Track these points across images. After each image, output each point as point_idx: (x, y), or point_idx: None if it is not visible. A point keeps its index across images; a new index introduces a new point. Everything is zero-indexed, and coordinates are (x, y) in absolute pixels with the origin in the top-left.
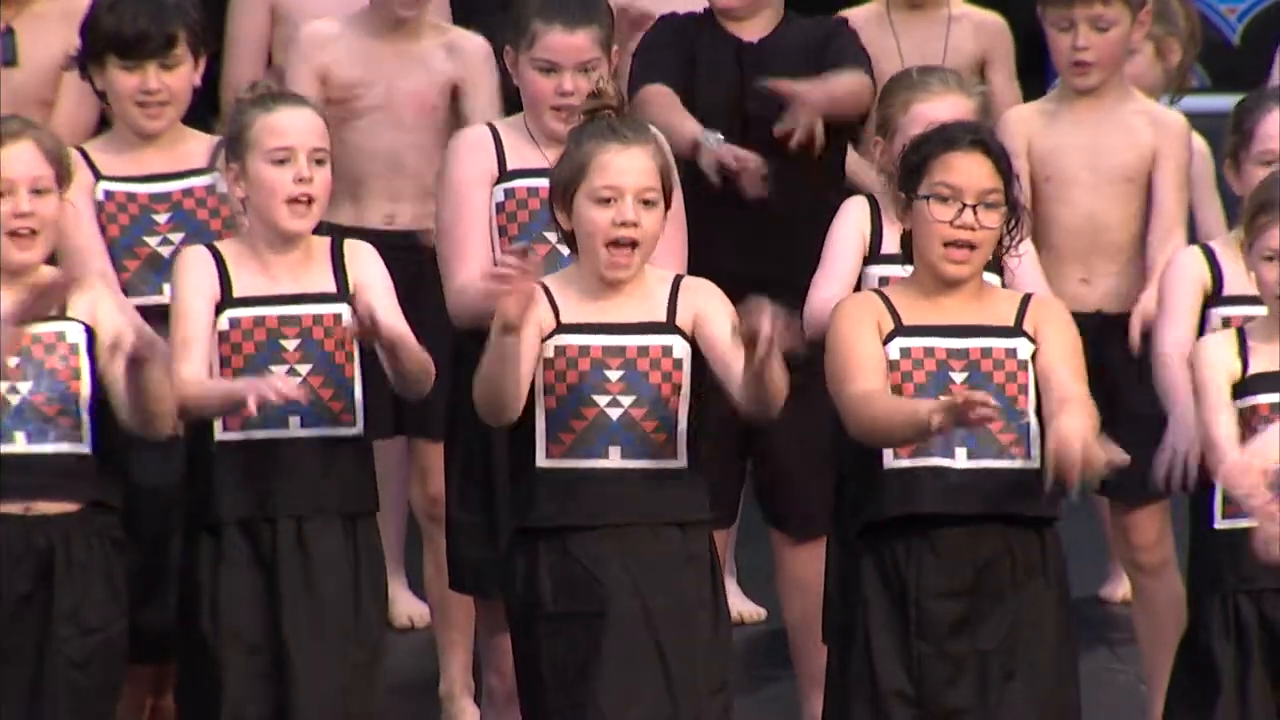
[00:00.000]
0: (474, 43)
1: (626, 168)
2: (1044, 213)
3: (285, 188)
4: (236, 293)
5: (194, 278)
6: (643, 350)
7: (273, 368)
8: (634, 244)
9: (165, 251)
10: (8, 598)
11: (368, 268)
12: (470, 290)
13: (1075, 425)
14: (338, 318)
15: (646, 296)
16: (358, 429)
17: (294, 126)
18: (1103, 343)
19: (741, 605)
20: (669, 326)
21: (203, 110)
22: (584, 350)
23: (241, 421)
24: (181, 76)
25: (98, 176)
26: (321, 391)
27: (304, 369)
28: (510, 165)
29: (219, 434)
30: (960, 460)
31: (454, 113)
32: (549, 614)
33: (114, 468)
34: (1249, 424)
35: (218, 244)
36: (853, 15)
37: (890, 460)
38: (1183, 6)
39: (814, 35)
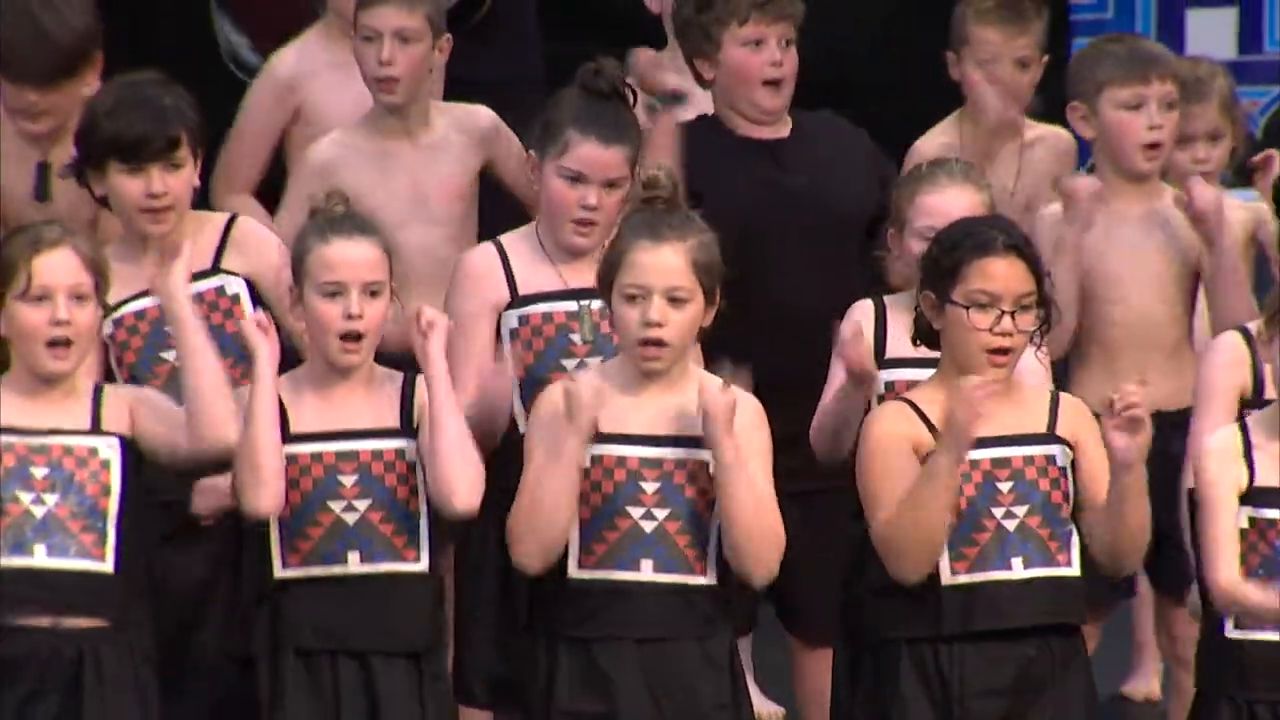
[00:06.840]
0: (485, 117)
1: (653, 265)
2: (1095, 311)
3: (335, 323)
4: (294, 428)
5: None
6: (680, 463)
7: (330, 503)
8: (661, 343)
9: None
10: (36, 711)
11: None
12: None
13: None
14: (400, 453)
15: (689, 401)
16: (422, 565)
17: (345, 260)
18: (1163, 440)
19: (760, 704)
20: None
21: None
22: (620, 461)
23: (301, 557)
24: (184, 179)
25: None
26: (382, 527)
27: (362, 504)
28: (522, 289)
29: (278, 571)
30: (1018, 570)
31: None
32: (562, 710)
33: (138, 585)
34: (1265, 536)
35: (281, 377)
36: (927, 146)
37: (948, 576)
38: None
39: (842, 138)
